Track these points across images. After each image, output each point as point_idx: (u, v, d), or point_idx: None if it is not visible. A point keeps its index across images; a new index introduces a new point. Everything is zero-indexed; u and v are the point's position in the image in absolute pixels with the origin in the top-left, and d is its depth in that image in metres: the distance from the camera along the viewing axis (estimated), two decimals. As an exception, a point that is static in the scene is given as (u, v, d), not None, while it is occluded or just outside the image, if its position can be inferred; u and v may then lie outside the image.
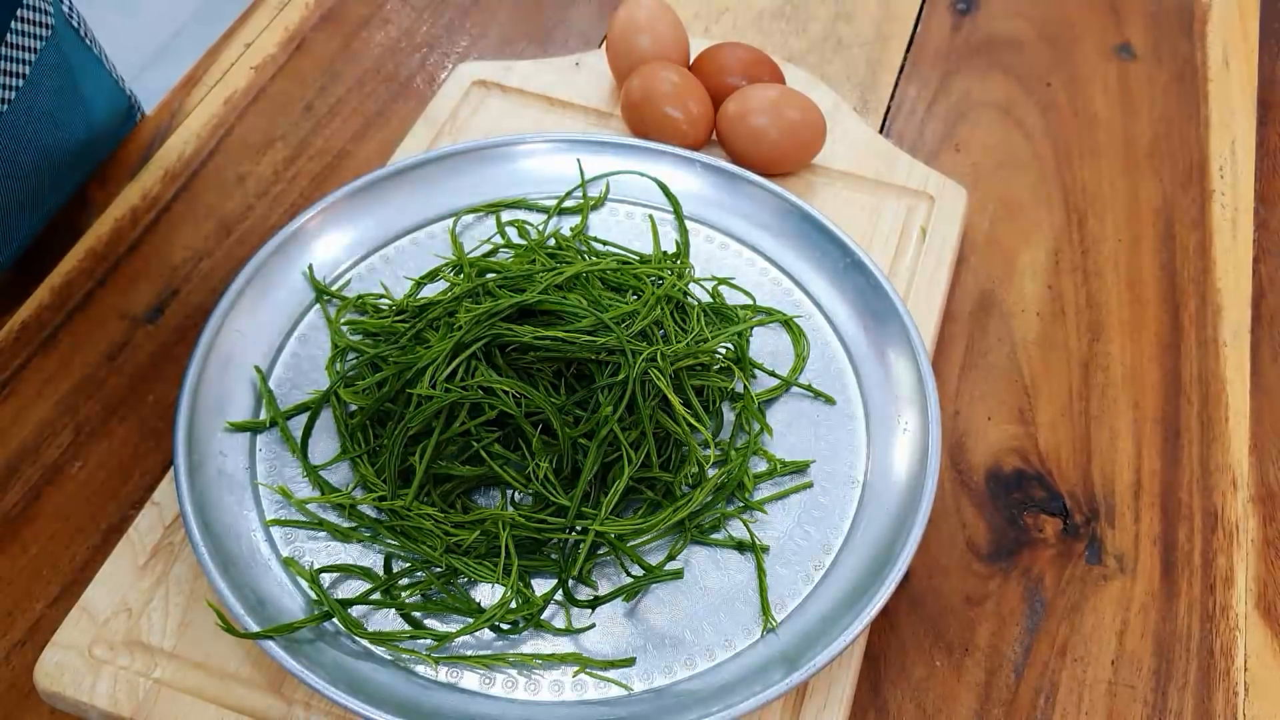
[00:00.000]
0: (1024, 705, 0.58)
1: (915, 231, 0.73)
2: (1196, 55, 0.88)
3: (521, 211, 0.71)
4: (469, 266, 0.66)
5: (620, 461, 0.57)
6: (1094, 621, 0.61)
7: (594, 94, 0.79)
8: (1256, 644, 0.61)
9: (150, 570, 0.58)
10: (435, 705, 0.53)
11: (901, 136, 0.82)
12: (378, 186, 0.70)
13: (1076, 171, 0.80)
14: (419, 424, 0.57)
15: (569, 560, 0.57)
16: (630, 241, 0.70)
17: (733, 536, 0.59)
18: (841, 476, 0.61)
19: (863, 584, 0.56)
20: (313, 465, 0.60)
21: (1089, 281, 0.74)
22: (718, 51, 0.78)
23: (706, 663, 0.55)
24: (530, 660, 0.55)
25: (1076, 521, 0.64)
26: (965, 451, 0.67)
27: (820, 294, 0.68)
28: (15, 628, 0.59)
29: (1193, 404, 0.69)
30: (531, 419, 0.58)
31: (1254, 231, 0.78)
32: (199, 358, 0.61)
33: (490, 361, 0.58)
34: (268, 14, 0.87)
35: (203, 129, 0.80)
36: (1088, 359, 0.71)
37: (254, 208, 0.76)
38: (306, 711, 0.54)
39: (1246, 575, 0.63)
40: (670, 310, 0.63)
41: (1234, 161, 0.81)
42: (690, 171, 0.72)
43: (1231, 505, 0.65)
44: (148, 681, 0.54)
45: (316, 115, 0.81)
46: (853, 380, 0.65)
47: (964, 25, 0.90)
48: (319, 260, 0.68)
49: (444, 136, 0.77)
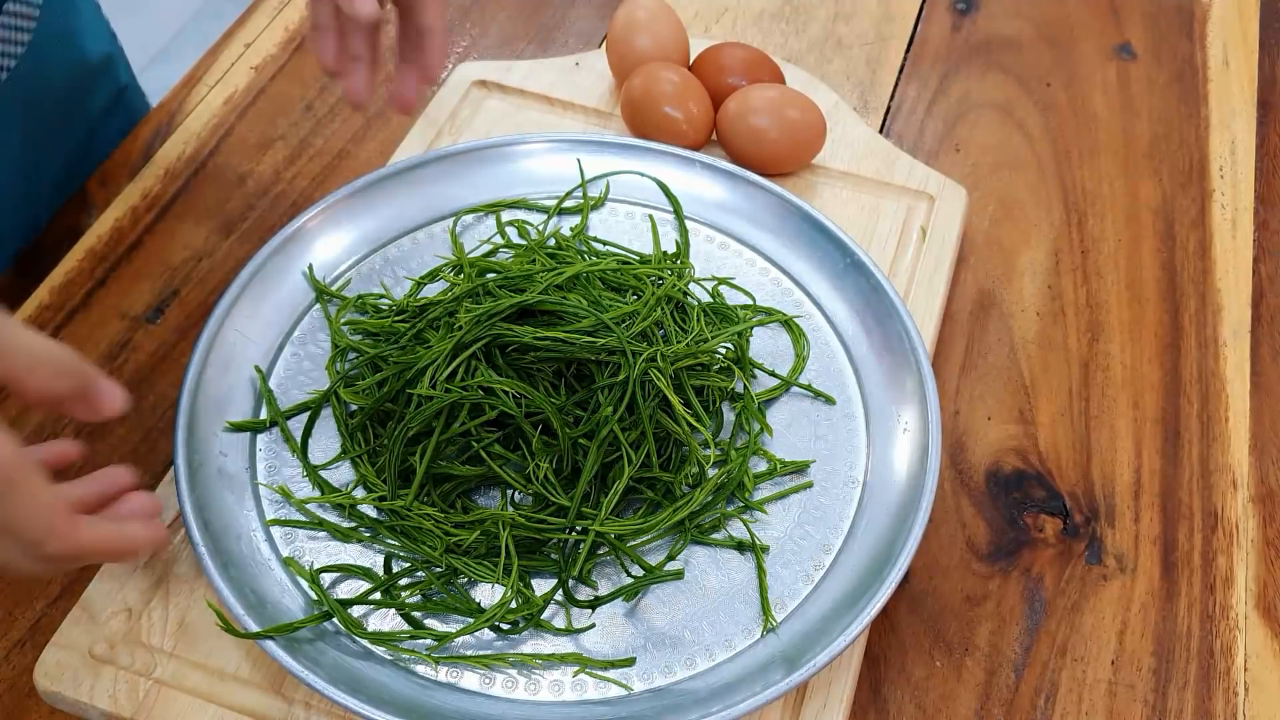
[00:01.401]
0: (1024, 705, 0.58)
1: (915, 231, 0.73)
2: (1196, 55, 0.88)
3: (521, 211, 0.71)
4: (469, 266, 0.66)
5: (620, 461, 0.57)
6: (1094, 621, 0.61)
7: (594, 94, 0.79)
8: (1256, 644, 0.61)
9: (150, 570, 0.58)
10: (435, 705, 0.53)
11: (901, 136, 0.82)
12: (378, 186, 0.70)
13: (1076, 171, 0.80)
14: (419, 424, 0.57)
15: (569, 560, 0.57)
16: (630, 241, 0.70)
17: (733, 536, 0.59)
18: (841, 476, 0.61)
19: (863, 584, 0.56)
20: (313, 465, 0.60)
21: (1089, 281, 0.74)
22: (718, 51, 0.78)
23: (706, 663, 0.55)
24: (530, 660, 0.55)
25: (1076, 521, 0.64)
26: (965, 451, 0.67)
27: (820, 294, 0.68)
28: (15, 628, 0.59)
29: (1193, 404, 0.69)
30: (531, 419, 0.58)
31: (1254, 231, 0.78)
32: (199, 358, 0.61)
33: (490, 362, 0.58)
34: (268, 14, 0.87)
35: (203, 129, 0.80)
36: (1088, 359, 0.71)
37: (254, 208, 0.76)
38: (306, 711, 0.54)
39: (1246, 575, 0.63)
40: (670, 310, 0.63)
41: (1234, 161, 0.81)
42: (690, 171, 0.72)
43: (1231, 505, 0.65)
44: (148, 681, 0.54)
45: (316, 115, 0.81)
46: (853, 380, 0.65)
47: (964, 25, 0.90)
48: (319, 260, 0.67)
49: (444, 136, 0.77)
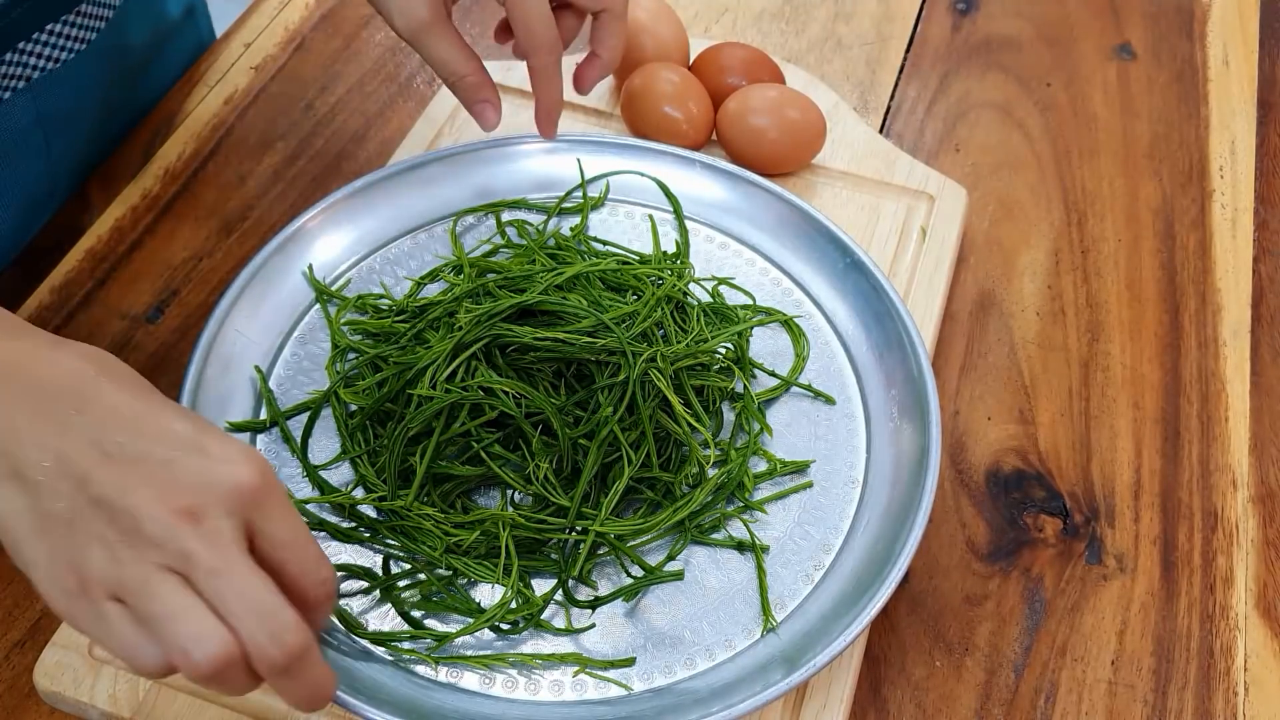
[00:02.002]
0: (1024, 705, 0.58)
1: (915, 231, 0.73)
2: (1196, 55, 0.88)
3: (521, 211, 0.71)
4: (469, 267, 0.66)
5: (620, 462, 0.57)
6: (1094, 621, 0.61)
7: (594, 94, 0.79)
8: (1256, 644, 0.61)
9: (150, 570, 0.58)
10: (435, 705, 0.53)
11: (901, 136, 0.82)
12: (378, 186, 0.70)
13: (1076, 171, 0.80)
14: (419, 424, 0.57)
15: (569, 560, 0.57)
16: (630, 241, 0.70)
17: (733, 536, 0.59)
18: (841, 476, 0.61)
19: (863, 584, 0.56)
20: (313, 465, 0.60)
21: (1089, 281, 0.75)
22: (718, 51, 0.78)
23: (706, 663, 0.55)
24: (530, 660, 0.55)
25: (1076, 521, 0.64)
26: (965, 451, 0.67)
27: (820, 294, 0.68)
28: (15, 628, 0.59)
29: (1193, 404, 0.69)
30: (531, 419, 0.58)
31: (1254, 231, 0.78)
32: (199, 358, 0.61)
33: (490, 362, 0.58)
34: (268, 14, 0.87)
35: (203, 129, 0.80)
36: (1087, 359, 0.71)
37: (254, 208, 0.76)
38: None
39: (1246, 575, 0.63)
40: (670, 310, 0.63)
41: (1234, 161, 0.81)
42: (690, 171, 0.72)
43: (1231, 505, 0.65)
44: (148, 681, 0.54)
45: (316, 115, 0.81)
46: (853, 380, 0.65)
47: (964, 25, 0.90)
48: (319, 260, 0.67)
49: (444, 136, 0.77)
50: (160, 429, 0.42)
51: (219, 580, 0.40)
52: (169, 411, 0.43)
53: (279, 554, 0.42)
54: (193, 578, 0.40)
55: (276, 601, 0.41)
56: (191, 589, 0.40)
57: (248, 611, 0.40)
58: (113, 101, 0.77)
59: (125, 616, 0.40)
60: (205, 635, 0.40)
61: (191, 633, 0.40)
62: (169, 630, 0.40)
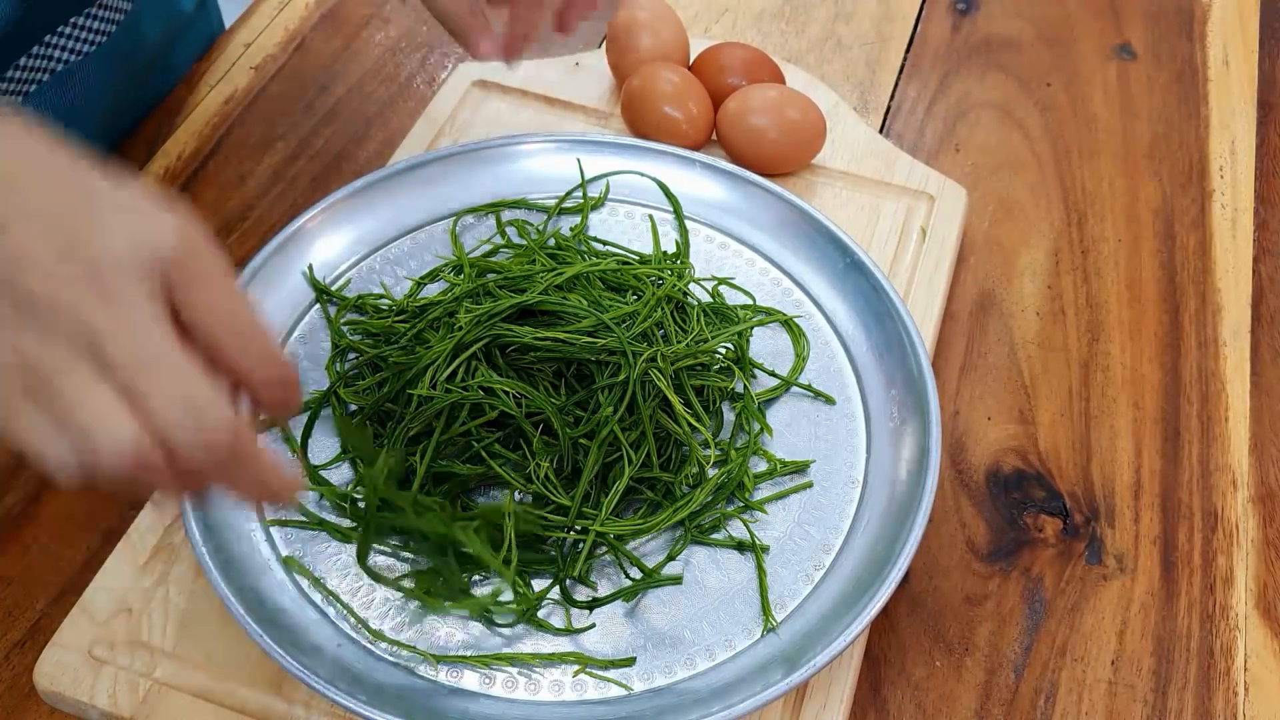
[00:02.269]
0: (1024, 705, 0.58)
1: (915, 231, 0.73)
2: (1196, 55, 0.88)
3: (521, 211, 0.71)
4: (469, 267, 0.66)
5: (620, 462, 0.57)
6: (1094, 621, 0.61)
7: (594, 94, 0.79)
8: (1256, 644, 0.61)
9: (150, 570, 0.58)
10: (435, 705, 0.53)
11: (901, 136, 0.82)
12: (378, 186, 0.70)
13: (1076, 172, 0.80)
14: (419, 424, 0.57)
15: (568, 560, 0.57)
16: (630, 241, 0.70)
17: (733, 536, 0.59)
18: (841, 476, 0.61)
19: (863, 584, 0.56)
20: (313, 465, 0.60)
21: (1089, 281, 0.74)
22: (718, 51, 0.78)
23: (706, 663, 0.55)
24: (530, 660, 0.55)
25: (1076, 521, 0.64)
26: (965, 451, 0.67)
27: (820, 294, 0.68)
28: (15, 628, 0.59)
29: (1193, 404, 0.69)
30: (532, 419, 0.58)
31: (1254, 231, 0.78)
32: (199, 358, 0.61)
33: (490, 362, 0.58)
34: (268, 14, 0.87)
35: (203, 129, 0.80)
36: (1087, 359, 0.71)
37: (254, 208, 0.76)
38: (307, 711, 0.54)
39: (1246, 575, 0.63)
40: (670, 310, 0.63)
41: (1234, 161, 0.81)
42: (690, 171, 0.72)
43: (1231, 505, 0.65)
44: (148, 681, 0.54)
45: (316, 115, 0.81)
46: (853, 380, 0.65)
47: (964, 25, 0.90)
48: (319, 260, 0.67)
49: (444, 136, 0.77)
50: (67, 187, 0.36)
51: (126, 356, 0.35)
52: (79, 168, 0.37)
53: (208, 327, 0.36)
54: (104, 357, 0.35)
55: (194, 380, 0.35)
56: (109, 375, 0.35)
57: (158, 393, 0.34)
58: (120, 100, 0.76)
59: (36, 410, 0.35)
60: (111, 423, 0.34)
61: (95, 422, 0.34)
62: (75, 420, 0.34)
